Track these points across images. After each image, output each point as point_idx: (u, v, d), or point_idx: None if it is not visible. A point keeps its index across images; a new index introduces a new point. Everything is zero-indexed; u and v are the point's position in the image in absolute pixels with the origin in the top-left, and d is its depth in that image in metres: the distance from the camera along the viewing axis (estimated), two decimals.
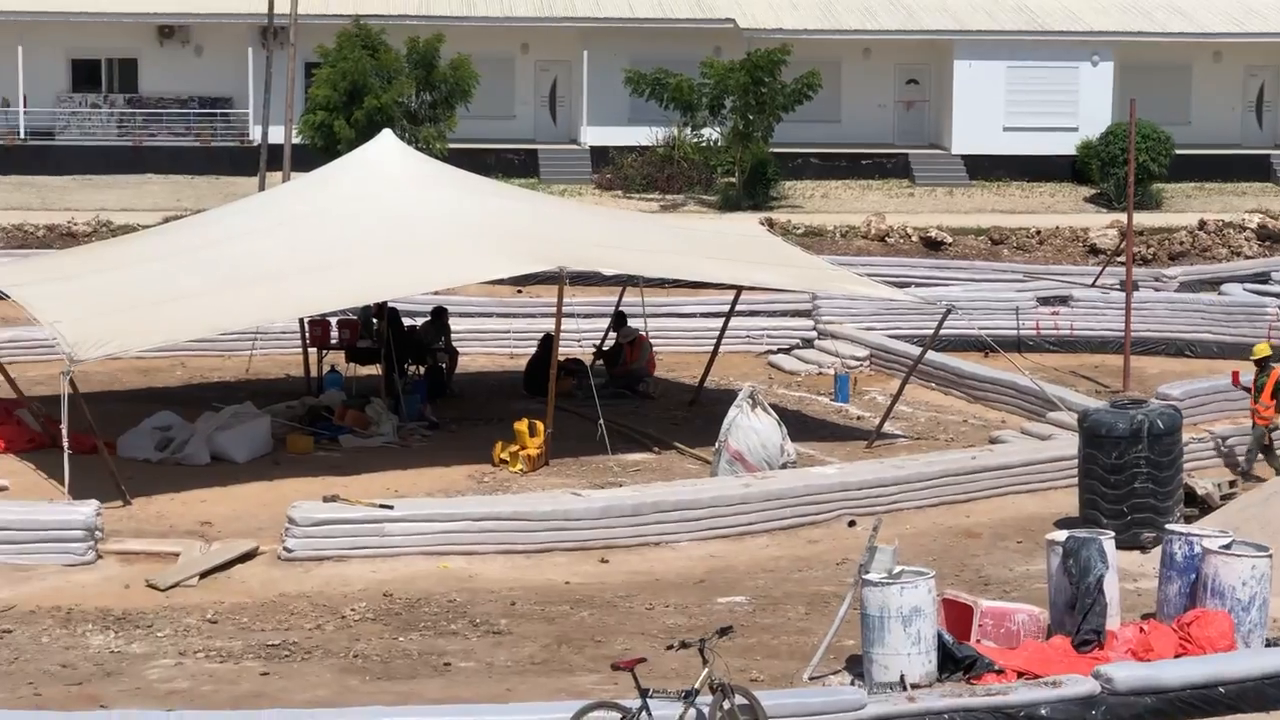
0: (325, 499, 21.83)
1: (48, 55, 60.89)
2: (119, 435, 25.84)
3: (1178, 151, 57.27)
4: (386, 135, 29.09)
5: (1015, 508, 24.10)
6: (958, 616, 17.44)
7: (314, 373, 30.08)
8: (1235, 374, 27.77)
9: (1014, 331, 35.19)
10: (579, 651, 18.03)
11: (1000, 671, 16.52)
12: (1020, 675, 16.51)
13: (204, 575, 20.43)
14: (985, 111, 60.19)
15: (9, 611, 19.15)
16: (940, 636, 16.63)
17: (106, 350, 23.86)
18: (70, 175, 59.04)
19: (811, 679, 16.94)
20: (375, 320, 29.70)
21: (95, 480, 22.88)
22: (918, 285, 36.89)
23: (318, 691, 16.80)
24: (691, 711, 14.86)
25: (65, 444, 22.76)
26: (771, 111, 55.60)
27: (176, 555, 21.06)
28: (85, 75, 62.05)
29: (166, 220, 40.92)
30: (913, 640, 16.28)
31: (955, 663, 16.59)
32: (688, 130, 57.45)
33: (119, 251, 28.90)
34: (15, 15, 60.09)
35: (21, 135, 60.52)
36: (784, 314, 36.33)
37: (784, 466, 24.29)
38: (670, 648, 15.78)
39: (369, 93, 51.68)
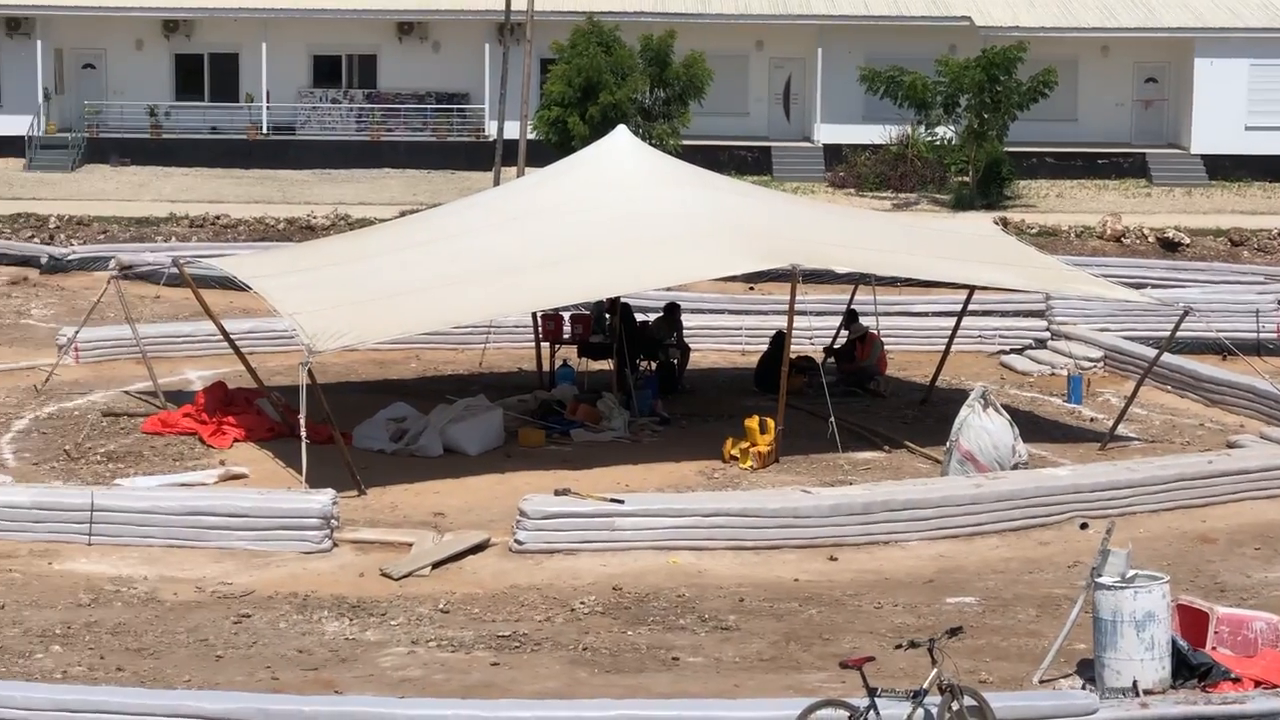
0: (556, 492, 21.99)
1: (290, 52, 62.00)
2: (355, 426, 26.24)
3: None
4: (621, 131, 29.23)
5: (1253, 514, 23.64)
6: (1192, 623, 17.16)
7: (546, 367, 30.32)
8: None
9: (1254, 334, 34.51)
10: (807, 649, 18.01)
11: (1237, 680, 16.24)
12: (1258, 684, 16.21)
13: (436, 565, 20.68)
14: (1226, 110, 59.15)
15: (248, 597, 19.54)
16: (1175, 642, 16.38)
17: (344, 342, 24.25)
18: (310, 169, 60.08)
19: (1042, 682, 16.78)
20: (608, 315, 29.87)
21: (331, 470, 23.26)
22: (1154, 286, 36.34)
23: (547, 683, 16.94)
24: (920, 711, 14.80)
25: (303, 434, 23.15)
26: (1007, 110, 55.10)
27: (410, 545, 21.34)
28: (326, 71, 63.09)
29: (403, 214, 41.47)
30: (1146, 645, 16.06)
31: (1190, 670, 16.34)
32: (921, 128, 57.10)
33: (356, 245, 29.33)
34: (260, 12, 61.21)
35: (264, 130, 61.66)
36: (1017, 314, 35.97)
37: (1015, 467, 24.06)
38: (899, 647, 15.73)
39: (603, 89, 52.00)
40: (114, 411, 28.01)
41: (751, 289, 38.06)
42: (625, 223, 26.91)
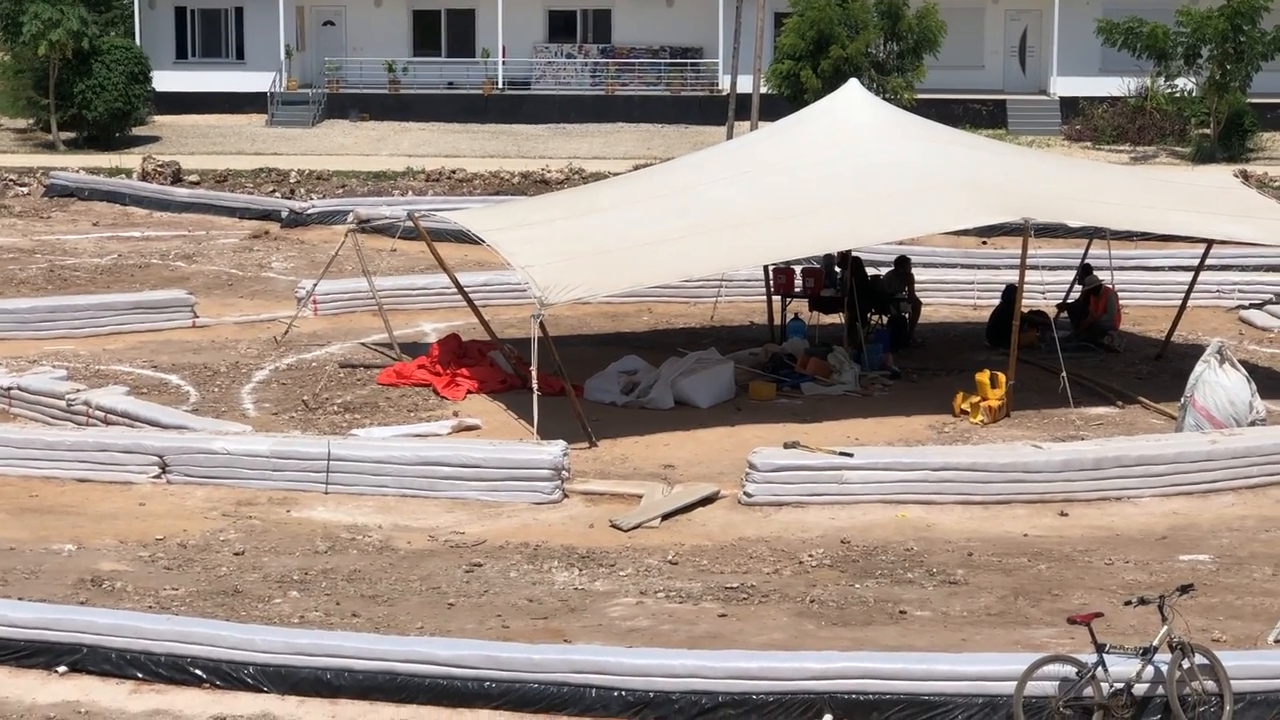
0: (786, 445, 22.02)
1: (526, 7, 62.50)
2: (586, 378, 26.45)
3: None
4: (853, 85, 29.09)
5: None
6: None
7: (777, 320, 30.32)
8: None
9: None
10: (1035, 604, 17.90)
11: None
12: None
13: (666, 517, 20.83)
14: None
15: (480, 546, 19.82)
16: None
17: (575, 295, 24.44)
18: (545, 124, 60.58)
19: (1276, 641, 16.54)
20: (839, 269, 29.80)
21: (563, 422, 23.49)
22: None
23: (774, 635, 17.01)
24: (1149, 669, 14.67)
25: (535, 386, 23.41)
26: (1250, 60, 54.08)
27: (639, 497, 21.51)
28: (561, 26, 63.54)
29: (636, 168, 41.63)
30: None
31: None
32: (1161, 80, 56.22)
33: (589, 199, 29.50)
34: None
35: (499, 85, 62.23)
36: (1257, 269, 35.29)
37: (1253, 424, 23.66)
38: (1129, 604, 15.59)
39: (836, 42, 51.83)
40: (351, 363, 28.50)
41: (984, 243, 37.73)
42: (857, 176, 26.82)
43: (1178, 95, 55.93)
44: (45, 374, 26.22)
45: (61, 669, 16.10)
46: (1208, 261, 30.61)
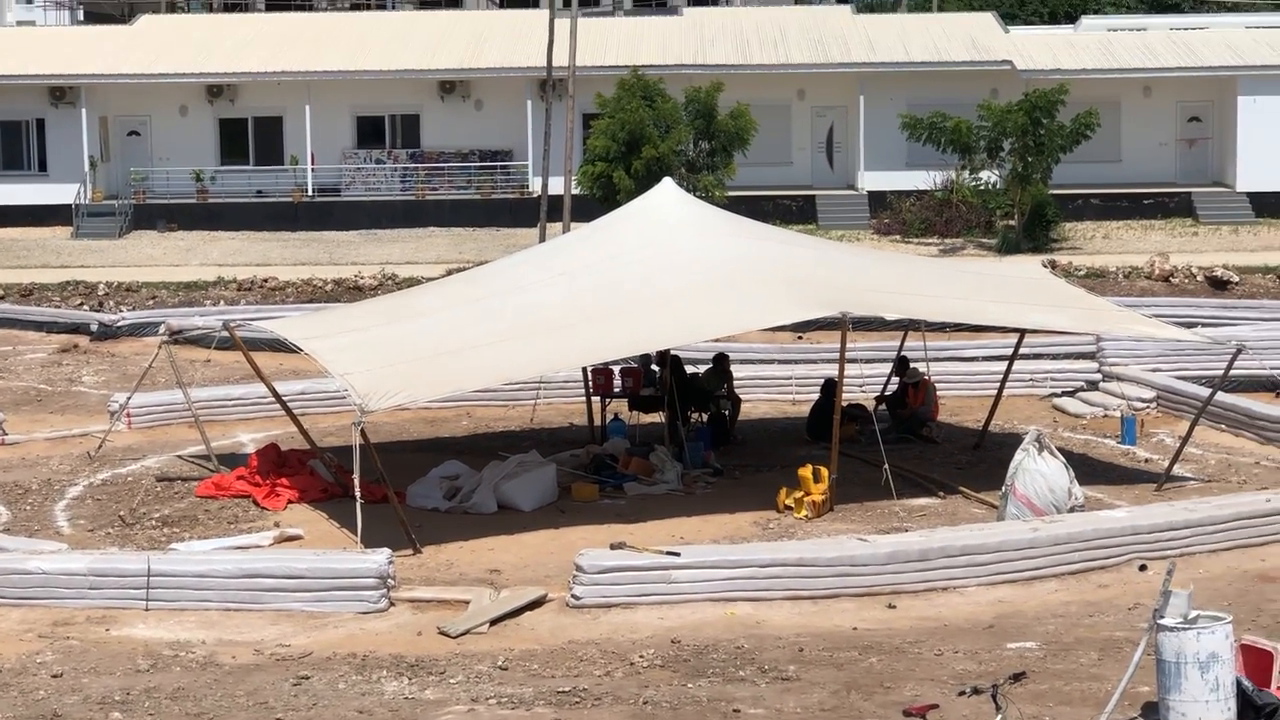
0: (612, 546, 21.93)
1: (333, 113, 62.44)
2: (408, 485, 26.25)
3: None
4: (667, 183, 29.25)
5: None
6: (1256, 663, 16.98)
7: (598, 421, 30.30)
8: None
9: None
10: (869, 698, 17.90)
11: None
12: None
13: (494, 622, 20.63)
14: (1272, 147, 59.10)
15: (306, 658, 19.51)
16: (1239, 683, 16.23)
17: (396, 401, 24.27)
18: (356, 230, 60.44)
19: None
20: (657, 368, 29.86)
21: (386, 529, 23.26)
22: (1205, 325, 36.19)
23: None
24: None
25: (357, 494, 23.18)
26: (1050, 152, 55.09)
27: (466, 603, 21.29)
28: (369, 132, 63.51)
29: (450, 272, 41.59)
30: (1210, 687, 15.90)
31: (1255, 710, 16.17)
32: (965, 173, 57.13)
33: (404, 304, 29.37)
34: (303, 75, 61.65)
35: (309, 192, 61.98)
36: (1068, 356, 35.84)
37: (1072, 510, 23.94)
38: (962, 694, 15.62)
39: (647, 142, 52.13)
40: (168, 476, 28.09)
41: (800, 338, 38.02)
42: (673, 275, 26.92)
43: (982, 188, 56.84)
44: None
45: None
46: (1020, 351, 31.01)
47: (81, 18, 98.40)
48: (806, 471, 25.58)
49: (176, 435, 30.66)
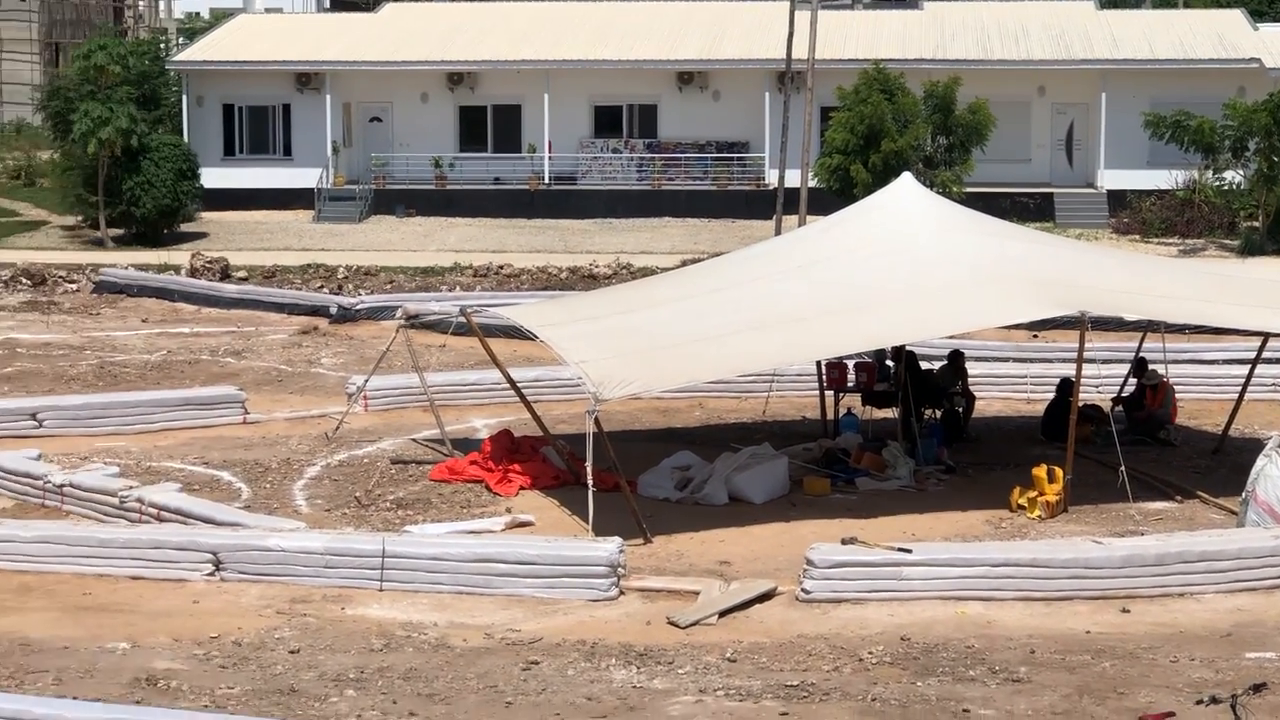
0: (843, 541, 21.84)
1: (572, 102, 62.77)
2: (640, 474, 26.32)
3: None
4: (906, 178, 29.06)
5: None
6: None
7: (830, 415, 30.17)
8: None
9: None
10: (1101, 703, 17.65)
11: None
12: None
13: (723, 614, 20.63)
14: None
15: (537, 643, 19.65)
16: None
17: (630, 390, 24.36)
18: (591, 219, 60.74)
19: None
20: (892, 363, 29.67)
21: (617, 517, 23.35)
22: None
23: None
24: None
25: (589, 482, 23.30)
26: None
27: (696, 593, 21.31)
28: (607, 121, 63.75)
29: (684, 263, 41.64)
30: None
31: None
32: (1209, 173, 56.10)
33: (639, 294, 29.48)
34: (542, 64, 62.13)
35: (546, 180, 62.41)
36: None
37: None
38: (1200, 703, 15.32)
39: (886, 136, 51.85)
40: (402, 459, 28.42)
41: (1035, 337, 37.56)
42: (910, 270, 26.74)
43: (1226, 188, 55.81)
44: (97, 471, 26.16)
45: None
46: (1264, 354, 30.40)
47: (328, 4, 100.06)
48: (1041, 471, 25.30)
49: (411, 419, 31.02)
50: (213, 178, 61.28)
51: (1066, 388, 28.15)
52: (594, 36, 65.17)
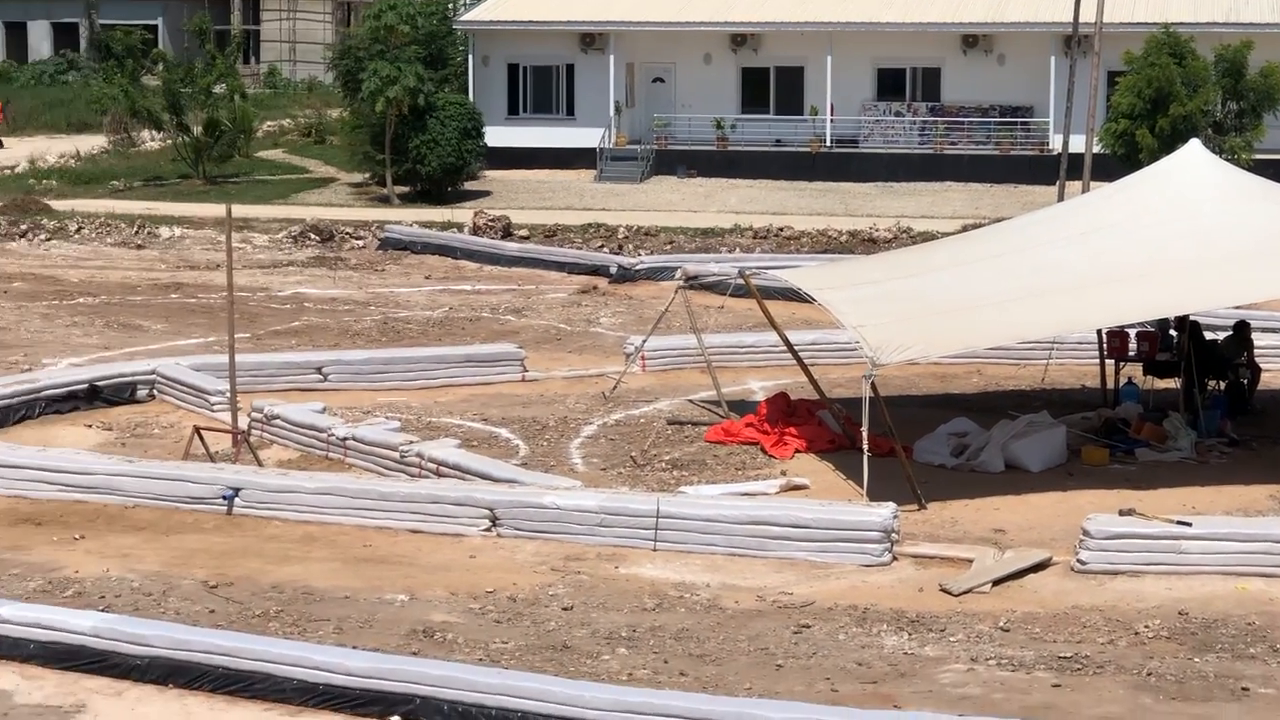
0: (1121, 512, 21.54)
1: (855, 65, 62.43)
2: (915, 439, 26.18)
3: None
4: (1194, 145, 28.49)
5: None
6: None
7: (1110, 384, 29.73)
8: None
9: None
10: None
11: None
12: None
13: (997, 583, 20.48)
14: None
15: (808, 607, 19.67)
16: None
17: (907, 355, 24.26)
18: (872, 182, 60.41)
19: None
20: (1175, 333, 29.12)
21: (891, 483, 23.26)
22: None
23: (1110, 707, 16.60)
24: None
25: (865, 446, 23.24)
26: None
27: (969, 561, 21.17)
28: (890, 84, 63.31)
29: (965, 228, 41.25)
30: None
31: None
32: None
33: (920, 258, 29.27)
34: (826, 25, 61.87)
35: (827, 143, 62.19)
36: None
37: None
38: None
39: (1174, 101, 50.83)
40: (678, 420, 28.56)
41: None
42: (1196, 239, 26.24)
43: None
44: (379, 425, 26.67)
45: (395, 719, 16.28)
46: None
47: None
48: None
49: (688, 379, 31.14)
50: (496, 136, 61.95)
51: None
52: None
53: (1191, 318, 28.52)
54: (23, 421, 27.96)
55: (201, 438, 25.43)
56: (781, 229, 49.35)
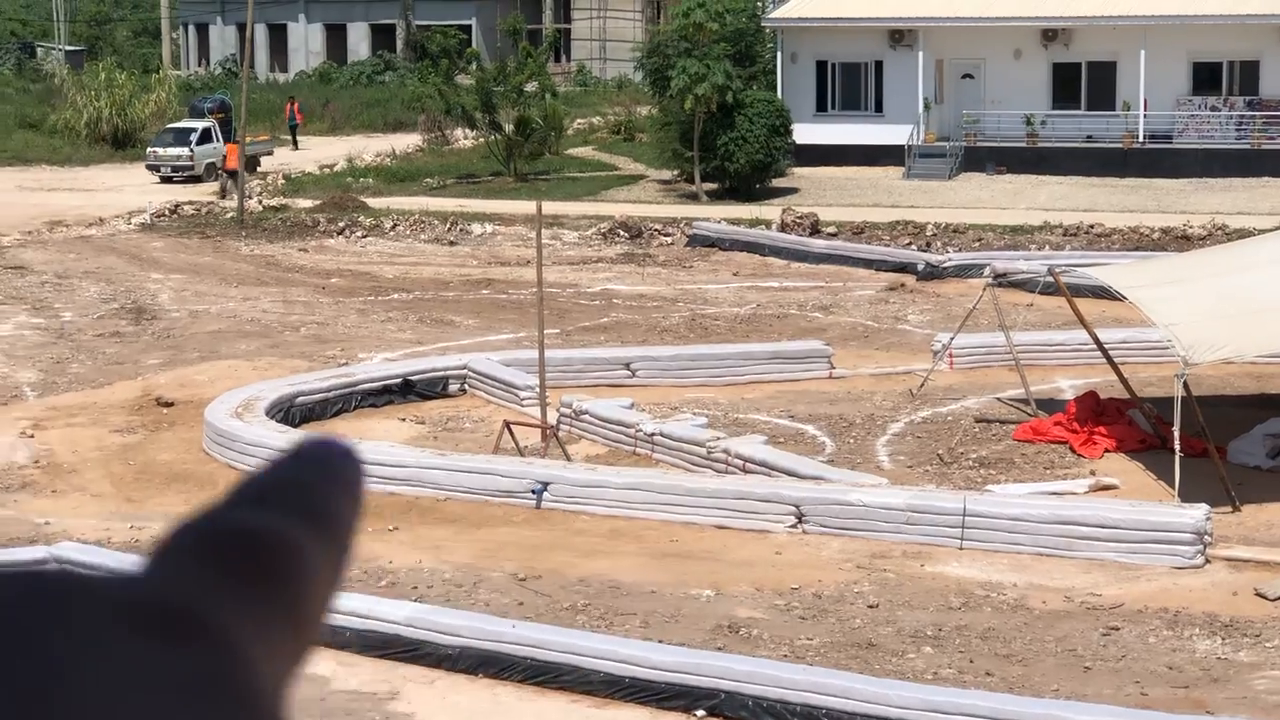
0: None
1: (1169, 58, 61.30)
2: (1230, 440, 25.66)
3: None
4: None
5: None
6: None
7: None
8: None
9: None
10: None
11: None
12: None
13: None
14: None
15: (1117, 609, 19.39)
16: None
17: (1221, 354, 23.82)
18: (1186, 178, 59.28)
19: None
20: None
21: (1205, 484, 22.83)
22: None
23: None
24: None
25: (1176, 446, 22.84)
26: None
27: None
28: (1205, 78, 62.08)
29: None
30: None
31: None
32: None
33: (1236, 256, 28.69)
34: (1140, 19, 60.88)
35: (1140, 138, 61.17)
36: None
37: None
38: None
39: None
40: (986, 418, 28.33)
41: None
42: None
43: None
44: (687, 421, 26.85)
45: (700, 713, 16.41)
46: None
47: None
48: None
49: (996, 377, 30.86)
50: (804, 133, 61.93)
51: None
52: None
53: None
54: (339, 415, 28.66)
55: (511, 432, 25.81)
56: (1092, 226, 48.67)
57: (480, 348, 32.99)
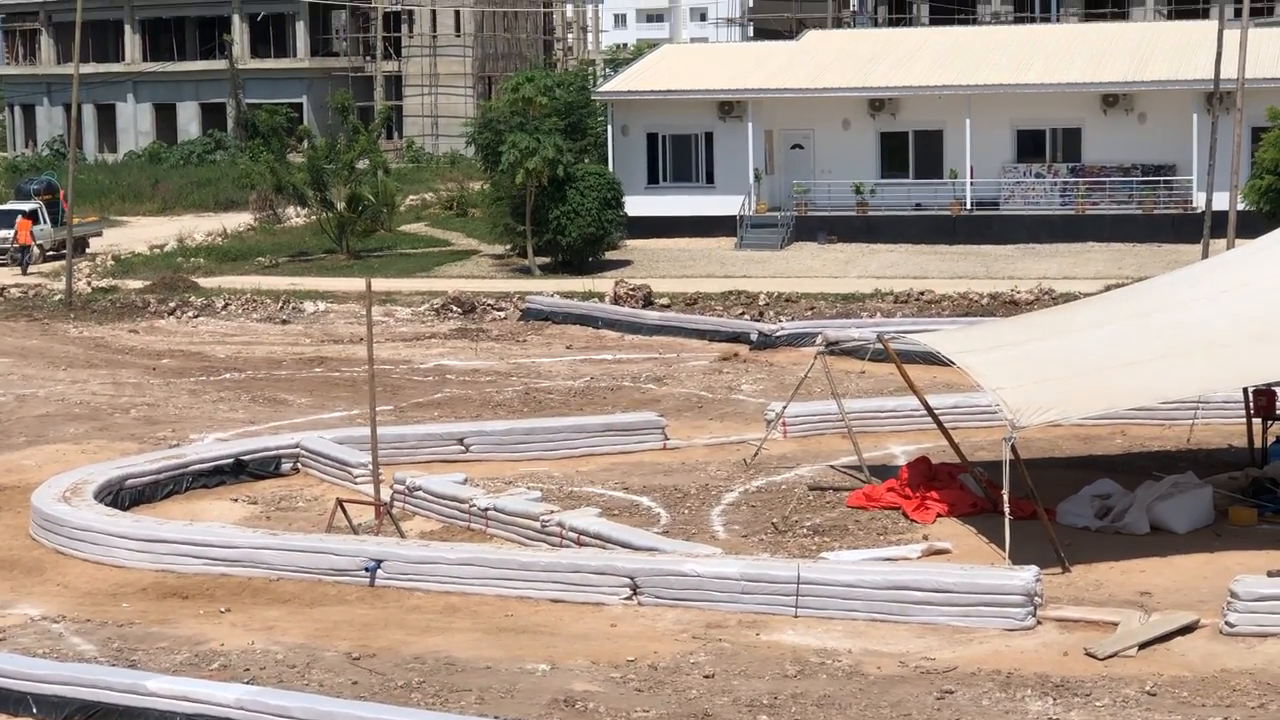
0: (1270, 574, 21.24)
1: (994, 127, 62.32)
2: (1058, 502, 25.95)
3: None
4: None
5: None
6: None
7: (1258, 443, 29.33)
8: None
9: None
10: None
11: None
12: None
13: (1143, 646, 20.20)
14: None
15: (951, 673, 19.50)
16: None
17: (1048, 417, 24.06)
18: (1013, 244, 60.20)
19: None
20: None
21: (1035, 546, 23.06)
22: None
23: None
24: None
25: (1006, 509, 23.05)
26: None
27: (1114, 624, 20.91)
28: (1029, 145, 63.11)
29: (1108, 288, 40.96)
30: None
31: None
32: None
33: (1061, 319, 29.08)
34: (965, 89, 61.81)
35: (967, 205, 62.01)
36: None
37: None
38: None
39: None
40: (820, 485, 28.47)
41: None
42: None
43: None
44: (520, 495, 26.77)
45: None
46: None
47: (751, 34, 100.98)
48: None
49: (829, 445, 31.04)
50: (636, 206, 62.25)
51: None
52: (1016, 60, 64.65)
53: None
54: (170, 496, 28.32)
55: (344, 510, 25.61)
56: (922, 293, 49.20)
57: (313, 426, 32.77)
